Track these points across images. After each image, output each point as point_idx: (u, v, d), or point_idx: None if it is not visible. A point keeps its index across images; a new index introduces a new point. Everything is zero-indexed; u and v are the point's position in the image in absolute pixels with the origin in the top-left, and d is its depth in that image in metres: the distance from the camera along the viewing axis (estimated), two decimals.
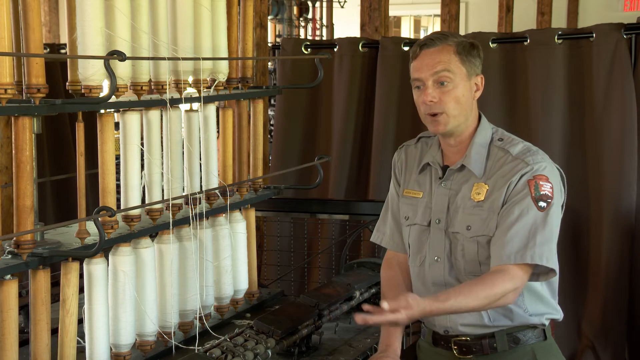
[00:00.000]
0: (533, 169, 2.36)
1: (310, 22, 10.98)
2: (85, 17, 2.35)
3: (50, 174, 4.63)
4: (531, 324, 2.43)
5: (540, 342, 2.44)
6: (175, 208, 2.72)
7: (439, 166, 2.49)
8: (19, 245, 2.22)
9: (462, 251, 2.41)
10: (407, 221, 2.55)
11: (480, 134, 2.45)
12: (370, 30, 5.52)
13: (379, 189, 4.50)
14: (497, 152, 2.43)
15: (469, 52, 2.40)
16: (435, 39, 2.40)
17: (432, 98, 2.37)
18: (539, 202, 2.33)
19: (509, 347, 2.41)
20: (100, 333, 2.43)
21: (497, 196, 2.37)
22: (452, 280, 2.43)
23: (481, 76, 2.43)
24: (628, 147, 3.98)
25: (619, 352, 4.06)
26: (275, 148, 4.78)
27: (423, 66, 2.39)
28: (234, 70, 3.07)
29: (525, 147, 2.43)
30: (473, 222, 2.39)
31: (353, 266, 3.32)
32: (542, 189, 2.34)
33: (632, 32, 3.99)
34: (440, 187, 2.47)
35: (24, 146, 2.21)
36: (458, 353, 2.45)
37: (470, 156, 2.43)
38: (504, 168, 2.39)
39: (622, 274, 4.02)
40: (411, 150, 2.62)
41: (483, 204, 2.38)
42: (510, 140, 2.45)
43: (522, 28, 4.59)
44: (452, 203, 2.44)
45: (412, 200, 2.54)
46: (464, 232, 2.40)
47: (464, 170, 2.45)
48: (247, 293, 3.21)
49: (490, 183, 2.40)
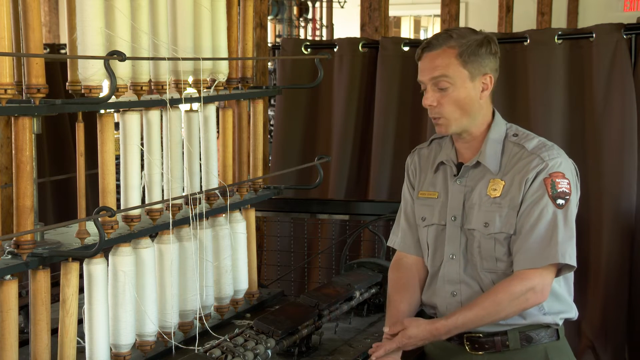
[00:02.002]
0: (548, 166, 2.36)
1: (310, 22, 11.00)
2: (85, 17, 2.35)
3: (50, 174, 4.63)
4: (544, 323, 2.43)
5: (553, 342, 2.44)
6: (175, 208, 2.71)
7: (453, 164, 2.49)
8: (19, 245, 2.22)
9: (478, 248, 2.41)
10: (424, 222, 2.54)
11: (494, 130, 2.45)
12: (370, 30, 5.53)
13: (379, 189, 4.50)
14: (512, 147, 2.43)
15: (474, 52, 2.37)
16: (436, 42, 2.38)
17: (430, 102, 2.38)
18: (557, 199, 2.34)
19: (521, 345, 2.42)
20: (100, 333, 2.42)
21: (515, 193, 2.37)
22: (468, 278, 2.43)
23: (490, 75, 2.41)
24: (628, 147, 3.98)
25: (619, 352, 4.06)
26: (275, 148, 4.78)
27: (424, 70, 2.39)
28: (234, 71, 3.07)
29: (541, 142, 2.43)
30: (491, 219, 2.39)
31: (353, 266, 3.32)
32: (559, 187, 2.35)
33: (632, 32, 3.99)
34: (456, 184, 2.47)
35: (23, 146, 2.21)
36: (470, 349, 2.46)
37: (485, 152, 2.43)
38: (520, 163, 2.39)
39: (622, 274, 4.02)
40: (424, 153, 2.62)
41: (501, 201, 2.39)
42: (525, 136, 2.45)
43: (522, 28, 4.59)
44: (468, 200, 2.44)
45: (428, 201, 2.54)
46: (481, 229, 2.40)
47: (479, 167, 2.45)
48: (247, 293, 3.20)
49: (507, 179, 2.40)
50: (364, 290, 3.10)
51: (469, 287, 2.44)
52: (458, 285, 2.45)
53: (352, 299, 3.02)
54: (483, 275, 2.41)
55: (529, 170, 2.37)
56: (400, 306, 2.55)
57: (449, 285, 2.46)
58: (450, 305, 2.47)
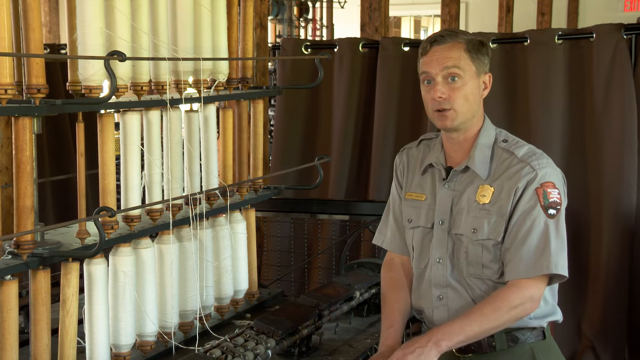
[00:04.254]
0: (538, 176, 2.36)
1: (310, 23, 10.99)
2: (85, 18, 2.35)
3: (51, 175, 4.63)
4: (530, 327, 2.44)
5: (539, 341, 2.44)
6: (175, 208, 2.71)
7: (442, 167, 2.49)
8: (19, 245, 2.22)
9: (465, 253, 2.41)
10: (411, 224, 2.54)
11: (484, 134, 2.45)
12: (370, 30, 5.52)
13: (379, 189, 4.50)
14: (501, 153, 2.43)
15: (478, 50, 2.41)
16: (446, 36, 2.41)
17: (441, 94, 2.38)
18: (549, 209, 2.35)
19: (508, 346, 2.42)
20: (100, 333, 2.43)
21: (504, 201, 2.37)
22: (454, 282, 2.43)
23: (489, 74, 2.45)
24: (628, 147, 3.98)
25: (619, 353, 4.06)
26: (275, 148, 4.78)
27: (433, 61, 2.39)
28: (234, 71, 3.07)
29: (530, 149, 2.43)
30: (479, 225, 2.39)
31: (353, 266, 3.32)
32: (551, 196, 2.35)
33: (632, 32, 4.00)
34: (444, 188, 2.46)
35: (24, 146, 2.21)
36: (457, 352, 2.45)
37: (475, 157, 2.42)
38: (509, 170, 2.39)
39: (622, 274, 4.02)
40: (413, 153, 2.62)
41: (490, 207, 2.38)
42: (515, 142, 2.45)
43: (522, 28, 4.59)
44: (456, 205, 2.44)
45: (415, 203, 2.54)
46: (469, 234, 2.40)
47: (468, 172, 2.44)
48: (247, 293, 3.21)
49: (496, 185, 2.39)
50: (364, 291, 3.10)
51: (455, 291, 2.44)
52: (445, 289, 2.45)
53: (352, 299, 3.02)
54: (469, 280, 2.42)
55: (519, 178, 2.36)
56: (395, 305, 2.55)
57: (435, 289, 2.46)
58: (437, 309, 2.46)
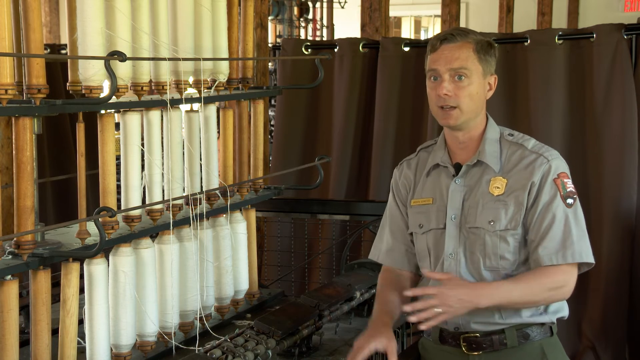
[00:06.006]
0: (552, 167, 2.42)
1: (310, 23, 10.98)
2: (85, 18, 2.35)
3: (51, 175, 4.63)
4: (540, 322, 2.44)
5: (548, 338, 2.46)
6: (175, 208, 2.72)
7: (449, 165, 2.51)
8: (20, 245, 2.22)
9: (482, 246, 2.42)
10: (422, 229, 2.55)
11: (490, 130, 2.51)
12: (370, 30, 5.52)
13: (379, 189, 4.50)
14: (510, 146, 2.49)
15: (486, 51, 2.44)
16: (456, 35, 2.44)
17: (447, 91, 2.40)
18: (567, 199, 2.40)
19: (519, 342, 2.43)
20: (100, 333, 2.43)
21: (520, 191, 2.41)
22: (468, 275, 2.44)
23: (495, 76, 2.49)
24: (628, 147, 3.99)
25: (619, 353, 4.06)
26: (276, 148, 4.78)
27: (441, 59, 2.42)
28: (234, 71, 3.07)
29: (537, 142, 2.50)
30: (496, 216, 2.41)
31: (353, 267, 3.32)
32: (567, 186, 2.41)
33: (632, 32, 4.00)
34: (454, 184, 2.49)
35: (24, 147, 2.21)
36: (467, 350, 2.46)
37: (485, 151, 2.47)
38: (523, 161, 2.44)
39: (622, 274, 4.02)
40: (412, 163, 2.64)
41: (505, 198, 2.42)
42: (521, 136, 2.52)
43: (523, 28, 4.59)
44: (468, 199, 2.46)
45: (423, 208, 2.55)
46: (487, 226, 2.42)
47: (479, 166, 2.48)
48: (247, 293, 3.21)
49: (510, 177, 2.44)
50: (364, 291, 3.10)
51: None
52: None
53: (353, 299, 3.02)
54: (485, 274, 2.42)
55: (534, 168, 2.41)
56: (389, 297, 2.55)
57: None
58: None
